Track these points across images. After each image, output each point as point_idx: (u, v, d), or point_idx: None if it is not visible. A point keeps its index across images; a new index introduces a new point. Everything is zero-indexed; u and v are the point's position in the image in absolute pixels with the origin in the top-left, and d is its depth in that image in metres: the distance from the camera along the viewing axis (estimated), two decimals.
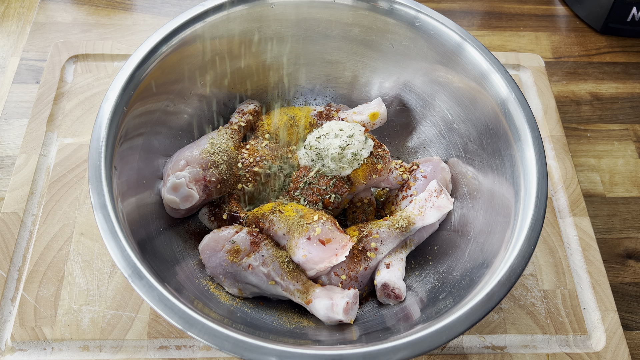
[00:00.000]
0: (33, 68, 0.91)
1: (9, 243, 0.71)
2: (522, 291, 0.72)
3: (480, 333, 0.69)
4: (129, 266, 0.51)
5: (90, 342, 0.65)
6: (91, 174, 0.56)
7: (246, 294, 0.63)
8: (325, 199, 0.67)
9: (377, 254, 0.65)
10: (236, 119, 0.75)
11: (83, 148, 0.80)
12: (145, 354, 0.65)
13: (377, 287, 0.64)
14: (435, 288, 0.64)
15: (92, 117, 0.83)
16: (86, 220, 0.74)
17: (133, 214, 0.60)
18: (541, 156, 0.61)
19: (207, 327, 0.49)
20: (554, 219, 0.78)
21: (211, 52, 0.72)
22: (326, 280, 0.63)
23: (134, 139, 0.64)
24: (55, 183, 0.76)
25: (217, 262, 0.61)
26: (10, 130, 0.84)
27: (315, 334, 0.59)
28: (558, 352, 0.68)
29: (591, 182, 0.87)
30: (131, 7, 1.01)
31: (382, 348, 0.49)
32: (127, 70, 0.63)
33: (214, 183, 0.66)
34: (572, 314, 0.70)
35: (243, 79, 0.78)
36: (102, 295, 0.68)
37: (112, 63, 0.89)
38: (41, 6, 0.99)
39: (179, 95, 0.71)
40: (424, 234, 0.69)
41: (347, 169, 0.67)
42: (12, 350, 0.65)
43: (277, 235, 0.64)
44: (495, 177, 0.65)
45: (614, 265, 0.79)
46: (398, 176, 0.72)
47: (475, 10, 1.11)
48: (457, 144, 0.73)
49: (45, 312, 0.66)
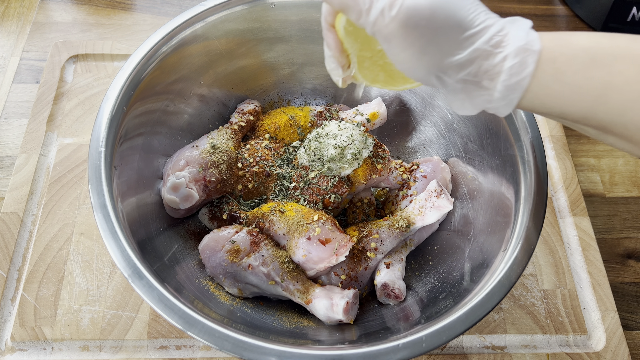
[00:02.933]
0: (33, 68, 0.91)
1: (9, 243, 0.71)
2: (522, 291, 0.72)
3: (480, 333, 0.69)
4: (129, 266, 0.51)
5: (90, 342, 0.65)
6: (91, 174, 0.56)
7: (246, 294, 0.63)
8: (325, 199, 0.67)
9: (377, 254, 0.65)
10: (236, 119, 0.75)
11: (83, 148, 0.80)
12: (145, 354, 0.65)
13: (377, 287, 0.64)
14: (435, 288, 0.64)
15: (92, 117, 0.83)
16: (86, 220, 0.74)
17: (133, 214, 0.60)
18: (541, 156, 0.61)
19: (207, 327, 0.49)
20: (554, 219, 0.78)
21: (211, 52, 0.72)
22: (326, 280, 0.63)
23: (134, 139, 0.64)
24: (55, 183, 0.76)
25: (217, 262, 0.61)
26: (10, 130, 0.84)
27: (315, 334, 0.59)
28: (558, 352, 0.68)
29: (591, 182, 0.87)
30: (131, 7, 1.01)
31: (382, 348, 0.49)
32: (127, 70, 0.63)
33: (214, 183, 0.66)
34: (572, 314, 0.70)
35: (243, 79, 0.78)
36: (102, 295, 0.68)
37: (112, 63, 0.89)
38: (41, 6, 0.99)
39: (179, 95, 0.71)
40: (424, 234, 0.69)
41: (347, 169, 0.67)
42: (12, 350, 0.65)
43: (277, 235, 0.64)
44: (495, 177, 0.65)
45: (614, 265, 0.79)
46: (398, 176, 0.72)
47: None
48: (457, 144, 0.73)
49: (45, 312, 0.66)
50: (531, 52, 0.39)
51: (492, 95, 0.42)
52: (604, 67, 0.38)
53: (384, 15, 0.41)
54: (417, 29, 0.40)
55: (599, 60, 0.38)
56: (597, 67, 0.38)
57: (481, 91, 0.42)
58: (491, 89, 0.41)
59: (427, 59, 0.42)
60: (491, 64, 0.41)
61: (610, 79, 0.38)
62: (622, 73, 0.37)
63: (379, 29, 0.42)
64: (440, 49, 0.41)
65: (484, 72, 0.41)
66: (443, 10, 0.40)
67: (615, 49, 0.38)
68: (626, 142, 0.40)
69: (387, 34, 0.42)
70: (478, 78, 0.41)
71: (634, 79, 0.37)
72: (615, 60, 0.38)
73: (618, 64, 0.37)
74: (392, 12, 0.40)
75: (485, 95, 0.42)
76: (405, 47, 0.42)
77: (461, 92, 0.43)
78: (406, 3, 0.40)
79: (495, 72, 0.41)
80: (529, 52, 0.39)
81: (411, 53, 0.42)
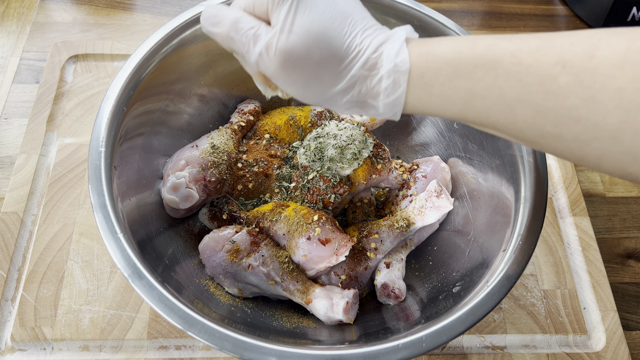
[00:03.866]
0: (33, 68, 0.91)
1: (9, 243, 0.71)
2: (522, 291, 0.72)
3: (480, 333, 0.69)
4: (129, 266, 0.51)
5: (90, 342, 0.65)
6: (91, 174, 0.56)
7: (246, 294, 0.63)
8: (325, 199, 0.67)
9: (377, 254, 0.65)
10: (236, 119, 0.75)
11: (83, 148, 0.80)
12: (145, 354, 0.65)
13: (377, 287, 0.64)
14: (435, 288, 0.64)
15: (92, 117, 0.83)
16: (86, 220, 0.74)
17: (133, 214, 0.60)
18: (541, 156, 0.61)
19: (207, 327, 0.49)
20: (554, 219, 0.78)
21: (211, 52, 0.72)
22: (326, 280, 0.63)
23: (134, 139, 0.64)
24: (55, 183, 0.76)
25: (217, 262, 0.61)
26: (10, 130, 0.84)
27: (315, 334, 0.59)
28: (558, 352, 0.68)
29: (591, 182, 0.87)
30: (131, 7, 1.01)
31: (382, 348, 0.49)
32: (127, 70, 0.63)
33: (213, 183, 0.66)
34: (572, 314, 0.70)
35: (243, 79, 0.78)
36: (102, 295, 0.68)
37: (112, 63, 0.89)
38: (41, 6, 0.99)
39: (179, 95, 0.71)
40: (424, 234, 0.69)
41: (347, 169, 0.67)
42: (12, 350, 0.65)
43: (277, 235, 0.64)
44: (495, 177, 0.65)
45: (614, 265, 0.79)
46: (398, 176, 0.72)
47: (475, 10, 1.11)
48: (457, 144, 0.73)
49: (45, 312, 0.66)
50: (401, 72, 0.42)
51: (378, 110, 0.45)
52: (465, 77, 0.40)
53: (263, 58, 0.44)
54: (296, 68, 0.43)
55: (460, 70, 0.40)
56: (460, 77, 0.40)
57: (368, 108, 0.46)
58: (375, 106, 0.45)
59: (311, 91, 0.45)
60: (369, 86, 0.44)
61: (472, 87, 0.40)
62: (481, 80, 0.40)
63: (263, 69, 0.45)
64: (321, 82, 0.44)
65: (365, 94, 0.44)
66: (317, 46, 0.42)
67: (474, 57, 0.40)
68: (506, 135, 0.43)
69: (270, 74, 0.45)
70: (362, 98, 0.45)
71: (492, 84, 0.39)
72: (475, 68, 0.40)
73: (477, 72, 0.40)
74: (270, 54, 0.43)
75: (372, 110, 0.46)
76: (289, 84, 0.45)
77: (352, 109, 0.46)
78: (280, 45, 0.42)
79: (375, 92, 0.44)
80: (400, 72, 0.42)
81: (296, 88, 0.45)
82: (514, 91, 0.39)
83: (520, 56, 0.38)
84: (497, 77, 0.39)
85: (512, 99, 0.39)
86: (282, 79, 0.44)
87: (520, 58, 0.38)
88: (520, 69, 0.38)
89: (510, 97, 0.39)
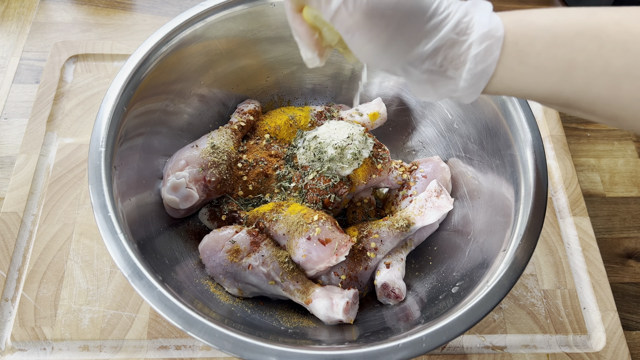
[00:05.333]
0: (33, 68, 0.91)
1: (9, 243, 0.71)
2: (522, 291, 0.72)
3: (480, 333, 0.69)
4: (129, 266, 0.51)
5: (90, 342, 0.65)
6: (91, 174, 0.56)
7: (246, 294, 0.63)
8: (325, 199, 0.67)
9: (377, 254, 0.65)
10: (236, 119, 0.75)
11: (83, 148, 0.80)
12: (145, 354, 0.65)
13: (377, 287, 0.64)
14: (435, 288, 0.64)
15: (92, 117, 0.83)
16: (86, 220, 0.74)
17: (133, 214, 0.60)
18: (541, 156, 0.61)
19: (207, 327, 0.49)
20: (554, 219, 0.78)
21: (211, 52, 0.72)
22: (326, 280, 0.63)
23: (134, 139, 0.64)
24: (55, 183, 0.76)
25: (217, 262, 0.61)
26: (10, 130, 0.84)
27: (315, 334, 0.59)
28: (558, 352, 0.68)
29: (591, 182, 0.87)
30: (131, 7, 1.01)
31: (382, 348, 0.49)
32: (127, 70, 0.63)
33: (213, 183, 0.66)
34: (572, 314, 0.70)
35: (243, 79, 0.78)
36: (102, 295, 0.68)
37: (112, 63, 0.89)
38: (41, 6, 0.99)
39: (179, 95, 0.71)
40: (424, 234, 0.69)
41: (347, 169, 0.67)
42: (12, 350, 0.65)
43: (277, 235, 0.64)
44: (495, 177, 0.65)
45: (614, 265, 0.79)
46: (398, 176, 0.72)
47: None
48: (457, 144, 0.73)
49: (45, 312, 0.66)
50: (496, 38, 0.38)
51: (458, 85, 0.41)
52: (565, 45, 0.37)
53: (347, 5, 0.38)
54: (383, 19, 0.38)
55: (560, 38, 0.37)
56: (559, 45, 0.37)
57: (446, 81, 0.41)
58: (456, 78, 0.41)
59: (392, 50, 0.40)
60: (456, 53, 0.39)
61: (573, 57, 0.37)
62: (584, 50, 0.37)
63: (341, 20, 0.39)
64: (406, 40, 0.39)
65: (450, 61, 0.40)
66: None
67: (575, 25, 0.37)
68: (592, 115, 0.40)
69: (350, 25, 0.39)
70: (443, 68, 0.40)
71: (597, 54, 0.36)
72: (577, 36, 0.37)
73: (579, 41, 0.37)
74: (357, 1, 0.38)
75: (450, 84, 0.41)
76: (370, 38, 0.39)
77: (425, 83, 0.42)
78: None
79: (461, 61, 0.40)
80: (494, 38, 0.38)
81: (376, 45, 0.40)
82: (621, 61, 0.36)
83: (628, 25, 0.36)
84: (601, 46, 0.36)
85: (618, 70, 0.36)
86: (363, 32, 0.39)
87: (627, 27, 0.36)
88: (628, 38, 0.35)
89: (616, 68, 0.36)
